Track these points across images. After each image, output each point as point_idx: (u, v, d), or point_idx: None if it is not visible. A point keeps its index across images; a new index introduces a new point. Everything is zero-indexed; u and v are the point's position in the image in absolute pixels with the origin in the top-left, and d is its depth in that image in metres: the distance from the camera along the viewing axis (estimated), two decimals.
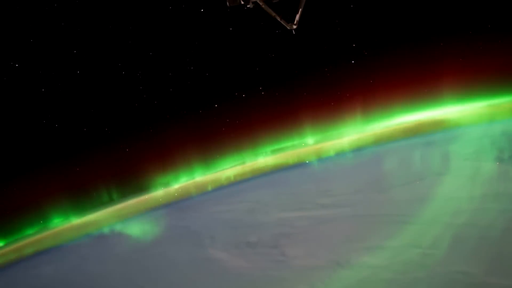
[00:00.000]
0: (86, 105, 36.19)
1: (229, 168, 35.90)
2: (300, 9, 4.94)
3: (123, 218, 30.01)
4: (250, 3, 4.76)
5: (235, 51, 35.73)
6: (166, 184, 35.95)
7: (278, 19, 5.03)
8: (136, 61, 35.02)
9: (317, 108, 32.75)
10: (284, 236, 18.69)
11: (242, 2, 4.75)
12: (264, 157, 35.47)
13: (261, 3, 4.69)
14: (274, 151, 34.30)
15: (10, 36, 27.40)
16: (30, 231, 34.15)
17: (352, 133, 32.96)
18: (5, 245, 30.16)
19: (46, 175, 34.92)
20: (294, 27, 5.03)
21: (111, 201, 36.02)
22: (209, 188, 34.23)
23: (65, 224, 31.32)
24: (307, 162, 33.57)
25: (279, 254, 16.90)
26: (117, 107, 37.49)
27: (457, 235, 14.55)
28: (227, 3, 4.88)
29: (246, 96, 36.83)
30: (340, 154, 33.09)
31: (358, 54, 30.71)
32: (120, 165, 38.01)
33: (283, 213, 22.30)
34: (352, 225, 18.16)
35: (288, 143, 33.86)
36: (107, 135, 36.61)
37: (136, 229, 26.65)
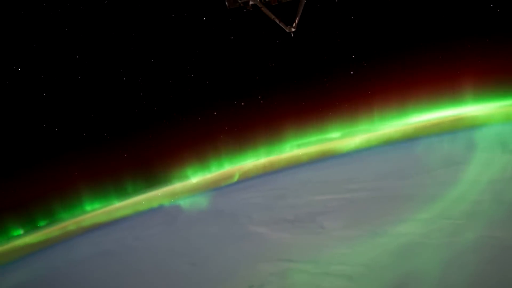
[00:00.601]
0: (86, 110, 36.17)
1: (254, 162, 37.72)
2: (299, 12, 5.02)
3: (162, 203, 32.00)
4: (249, 6, 4.78)
5: (235, 60, 36.13)
6: (192, 176, 37.84)
7: (277, 21, 5.06)
8: (137, 68, 35.35)
9: (346, 104, 34.57)
10: (319, 214, 20.26)
11: (242, 5, 4.75)
12: (288, 151, 37.26)
13: (260, 6, 4.70)
14: (299, 145, 36.07)
15: (14, 40, 29.39)
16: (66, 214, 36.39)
17: (374, 129, 34.69)
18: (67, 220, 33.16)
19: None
20: (293, 29, 5.11)
21: (142, 190, 38.01)
22: (236, 179, 36.06)
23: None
24: (329, 156, 35.27)
25: (318, 227, 18.47)
26: (117, 112, 37.63)
27: (483, 209, 16.09)
28: (227, 5, 4.86)
29: (246, 104, 38.39)
30: (361, 149, 34.73)
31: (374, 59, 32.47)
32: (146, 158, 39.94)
33: (314, 196, 23.93)
34: (382, 203, 19.70)
35: (314, 138, 35.63)
36: (107, 139, 38.00)
37: (178, 211, 28.54)
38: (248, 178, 35.00)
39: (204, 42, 33.94)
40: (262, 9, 4.78)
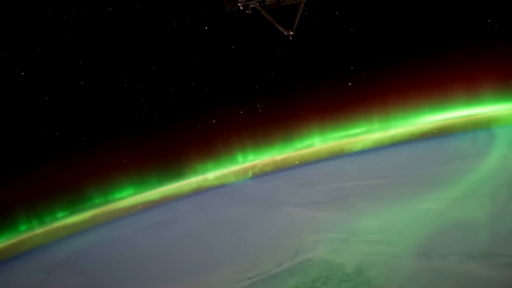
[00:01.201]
0: (87, 115, 36.95)
1: (272, 157, 39.64)
2: (298, 16, 5.11)
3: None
4: (249, 9, 4.84)
5: (236, 69, 37.34)
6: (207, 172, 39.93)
7: (276, 25, 5.17)
8: (139, 74, 36.37)
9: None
10: (348, 196, 21.99)
11: (241, 8, 4.81)
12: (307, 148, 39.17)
13: (259, 9, 4.77)
14: (321, 141, 37.90)
15: (18, 44, 30.02)
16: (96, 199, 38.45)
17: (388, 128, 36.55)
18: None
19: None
20: (291, 33, 5.21)
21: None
22: (258, 172, 37.98)
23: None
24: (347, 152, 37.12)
25: (350, 206, 20.21)
26: (118, 118, 38.55)
27: (504, 190, 17.82)
28: (227, 8, 4.93)
29: (244, 113, 38.69)
30: (375, 148, 36.55)
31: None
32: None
33: (339, 184, 25.67)
34: (406, 187, 21.46)
35: (333, 135, 37.53)
36: (106, 144, 37.98)
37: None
38: (269, 172, 36.77)
39: (206, 50, 35.77)
40: (262, 12, 4.87)
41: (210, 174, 39.61)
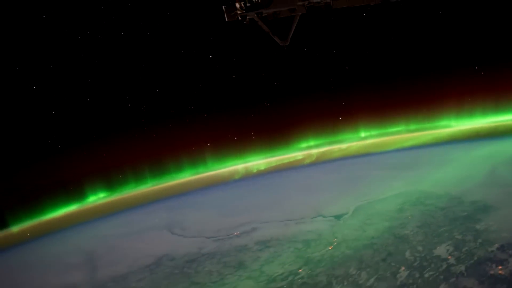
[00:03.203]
0: (90, 130, 37.95)
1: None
2: (293, 28, 5.26)
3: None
4: (247, 20, 4.98)
5: (234, 97, 39.15)
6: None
7: (272, 35, 5.30)
8: (142, 96, 37.52)
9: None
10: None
11: (240, 18, 4.94)
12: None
13: (257, 20, 4.92)
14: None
15: (33, 60, 31.06)
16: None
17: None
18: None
19: None
20: (286, 43, 5.40)
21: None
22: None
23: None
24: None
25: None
26: (118, 137, 39.13)
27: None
28: (226, 18, 5.04)
29: (238, 139, 41.05)
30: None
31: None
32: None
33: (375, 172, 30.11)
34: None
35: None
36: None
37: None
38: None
39: (208, 78, 37.38)
40: (259, 23, 4.98)
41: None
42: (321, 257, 19.59)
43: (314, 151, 42.25)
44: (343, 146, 41.36)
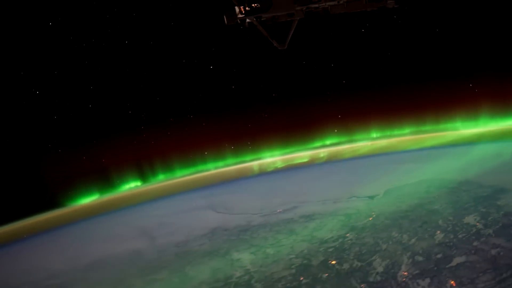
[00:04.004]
0: (91, 135, 38.17)
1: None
2: (291, 32, 5.46)
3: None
4: (246, 23, 5.12)
5: (232, 108, 39.90)
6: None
7: (270, 39, 5.46)
8: (143, 104, 37.68)
9: None
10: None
11: (239, 22, 5.06)
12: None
13: (256, 24, 5.05)
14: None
15: (38, 65, 30.99)
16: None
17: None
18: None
19: None
20: (284, 47, 5.59)
21: None
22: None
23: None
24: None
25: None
26: (118, 142, 39.56)
27: None
28: (225, 21, 5.13)
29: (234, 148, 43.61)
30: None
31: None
32: None
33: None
34: None
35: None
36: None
37: None
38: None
39: (208, 88, 38.27)
40: (258, 27, 5.10)
41: None
42: (364, 226, 22.55)
43: (330, 149, 45.68)
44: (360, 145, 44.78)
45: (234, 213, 29.35)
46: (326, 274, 18.11)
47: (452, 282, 16.19)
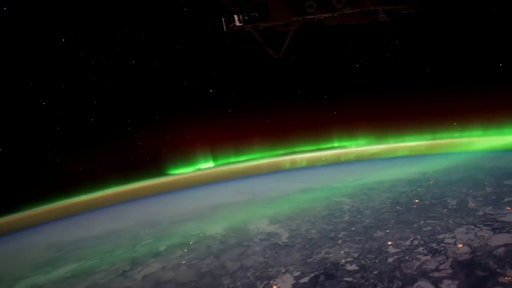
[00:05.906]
0: (90, 149, 41.02)
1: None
2: (286, 41, 5.60)
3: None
4: (244, 32, 5.27)
5: (230, 125, 46.47)
6: None
7: (266, 47, 5.63)
8: (142, 122, 41.43)
9: None
10: None
11: (237, 30, 5.20)
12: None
13: (253, 32, 5.22)
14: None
15: (46, 78, 31.90)
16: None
17: None
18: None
19: None
20: (279, 56, 5.72)
21: None
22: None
23: None
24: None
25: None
26: (115, 160, 43.78)
27: None
28: (224, 29, 5.26)
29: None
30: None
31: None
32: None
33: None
34: None
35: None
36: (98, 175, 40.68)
37: None
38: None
39: (206, 108, 42.12)
40: (255, 35, 5.28)
41: None
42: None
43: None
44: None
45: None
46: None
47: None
